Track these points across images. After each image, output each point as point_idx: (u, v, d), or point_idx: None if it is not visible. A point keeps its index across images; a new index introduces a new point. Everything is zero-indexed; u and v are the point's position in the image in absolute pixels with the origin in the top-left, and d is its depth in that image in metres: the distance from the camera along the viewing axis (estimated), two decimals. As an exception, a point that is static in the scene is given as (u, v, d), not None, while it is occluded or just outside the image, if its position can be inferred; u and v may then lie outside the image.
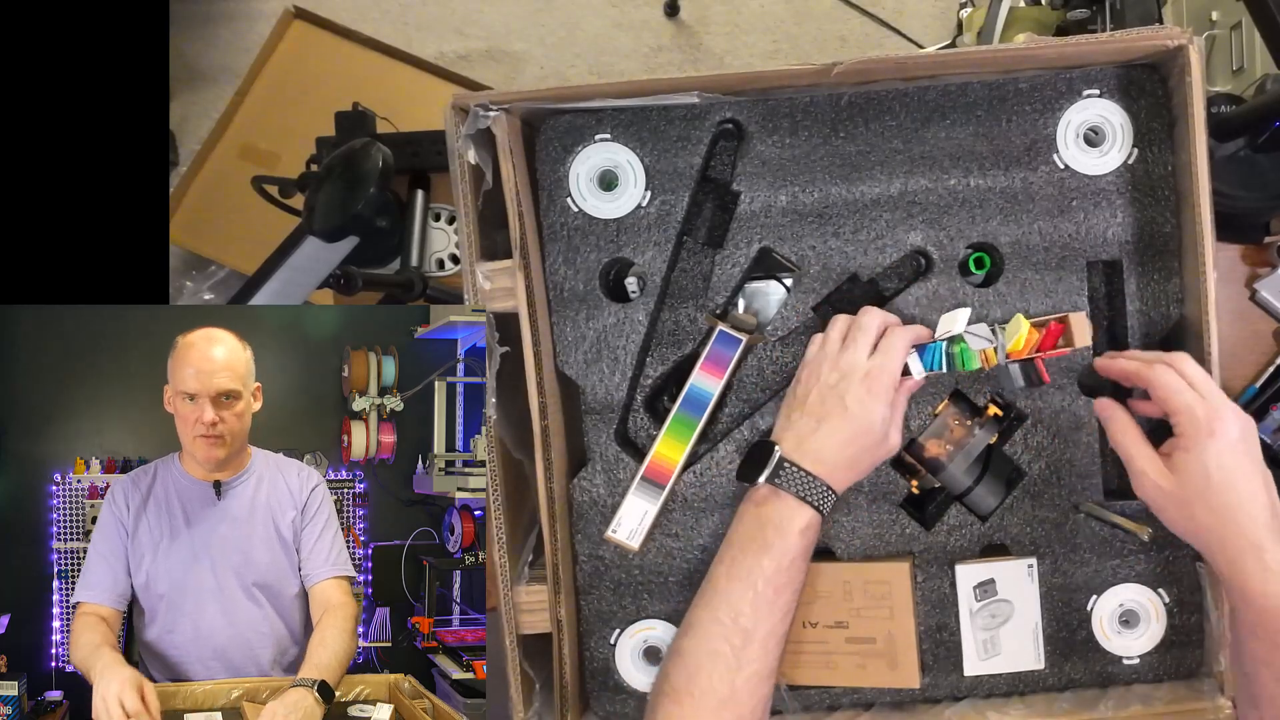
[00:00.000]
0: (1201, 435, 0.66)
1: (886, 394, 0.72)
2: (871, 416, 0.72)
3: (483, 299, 0.76)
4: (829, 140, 0.78)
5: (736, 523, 0.74)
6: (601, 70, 2.20)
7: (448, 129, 0.74)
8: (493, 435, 0.77)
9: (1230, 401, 0.68)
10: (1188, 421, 0.67)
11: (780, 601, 0.71)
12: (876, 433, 0.72)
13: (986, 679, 0.79)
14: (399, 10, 2.23)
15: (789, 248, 0.79)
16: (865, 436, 0.72)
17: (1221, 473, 0.66)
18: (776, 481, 0.72)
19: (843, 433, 0.72)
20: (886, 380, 0.72)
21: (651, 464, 0.78)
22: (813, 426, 0.73)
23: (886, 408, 0.73)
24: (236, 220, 1.65)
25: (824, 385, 0.73)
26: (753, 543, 0.72)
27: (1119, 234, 0.77)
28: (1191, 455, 0.67)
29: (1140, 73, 0.76)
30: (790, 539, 0.71)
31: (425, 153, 1.18)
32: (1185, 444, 0.67)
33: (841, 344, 0.74)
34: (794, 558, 0.71)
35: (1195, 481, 0.66)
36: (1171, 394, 0.68)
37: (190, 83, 2.19)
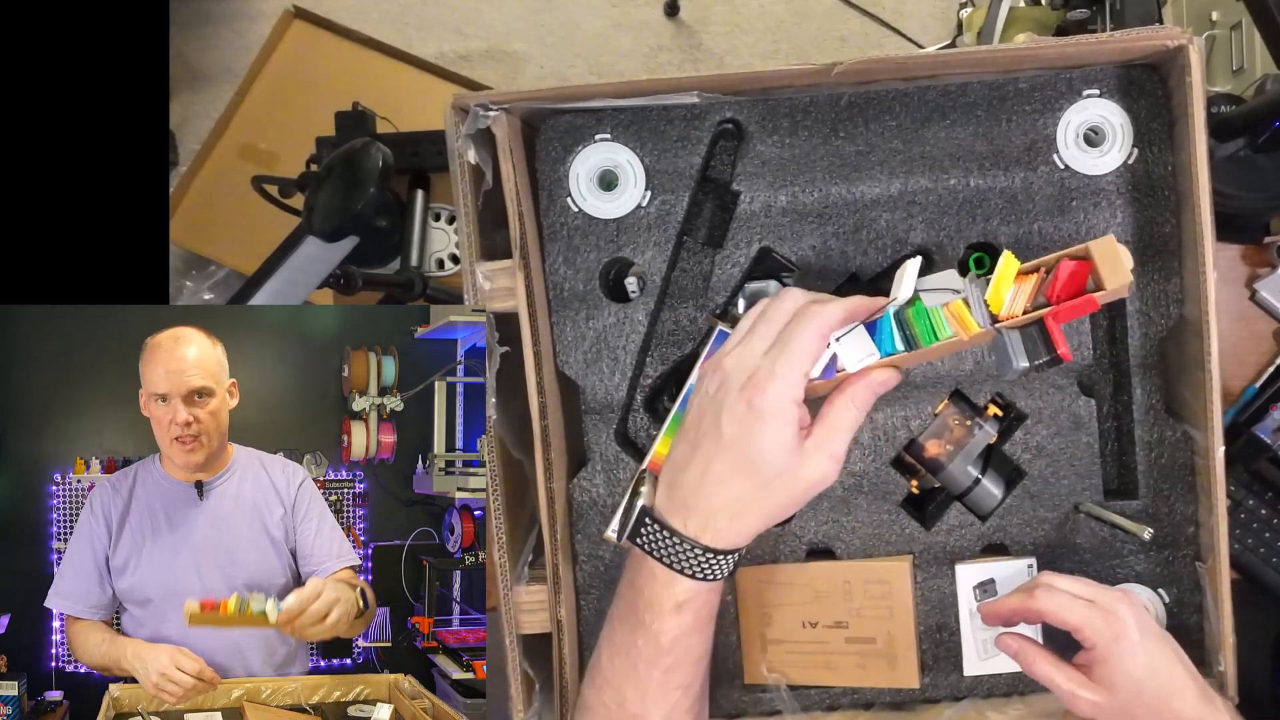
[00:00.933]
0: (1110, 642, 0.64)
1: (781, 406, 0.54)
2: (756, 442, 0.54)
3: (483, 299, 0.76)
4: (829, 140, 0.78)
5: (620, 584, 0.62)
6: (601, 70, 2.20)
7: (448, 129, 0.74)
8: (493, 435, 0.77)
9: (1109, 590, 0.66)
10: (1092, 633, 0.64)
11: (672, 682, 0.59)
12: (769, 464, 0.55)
13: (986, 679, 0.79)
14: (399, 10, 2.23)
15: (789, 248, 0.79)
16: (751, 472, 0.55)
17: (1146, 670, 0.63)
18: (640, 543, 0.57)
19: (719, 467, 0.55)
20: (778, 387, 0.54)
21: (651, 464, 0.78)
22: (686, 458, 0.56)
23: (784, 426, 0.55)
24: (236, 220, 1.65)
25: (703, 397, 0.57)
26: (628, 618, 0.60)
27: (1119, 234, 0.77)
28: (1111, 665, 0.64)
29: (1140, 73, 0.76)
30: (665, 618, 0.57)
31: (425, 152, 1.18)
32: (1100, 655, 0.64)
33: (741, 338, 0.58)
34: (676, 636, 0.58)
35: (1127, 686, 0.63)
36: (1063, 613, 0.64)
37: (190, 83, 2.19)
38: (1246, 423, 0.91)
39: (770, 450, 0.55)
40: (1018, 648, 0.68)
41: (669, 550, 0.56)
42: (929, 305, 0.55)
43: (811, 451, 0.56)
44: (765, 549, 0.80)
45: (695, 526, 0.56)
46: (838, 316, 0.57)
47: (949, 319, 0.56)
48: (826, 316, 0.56)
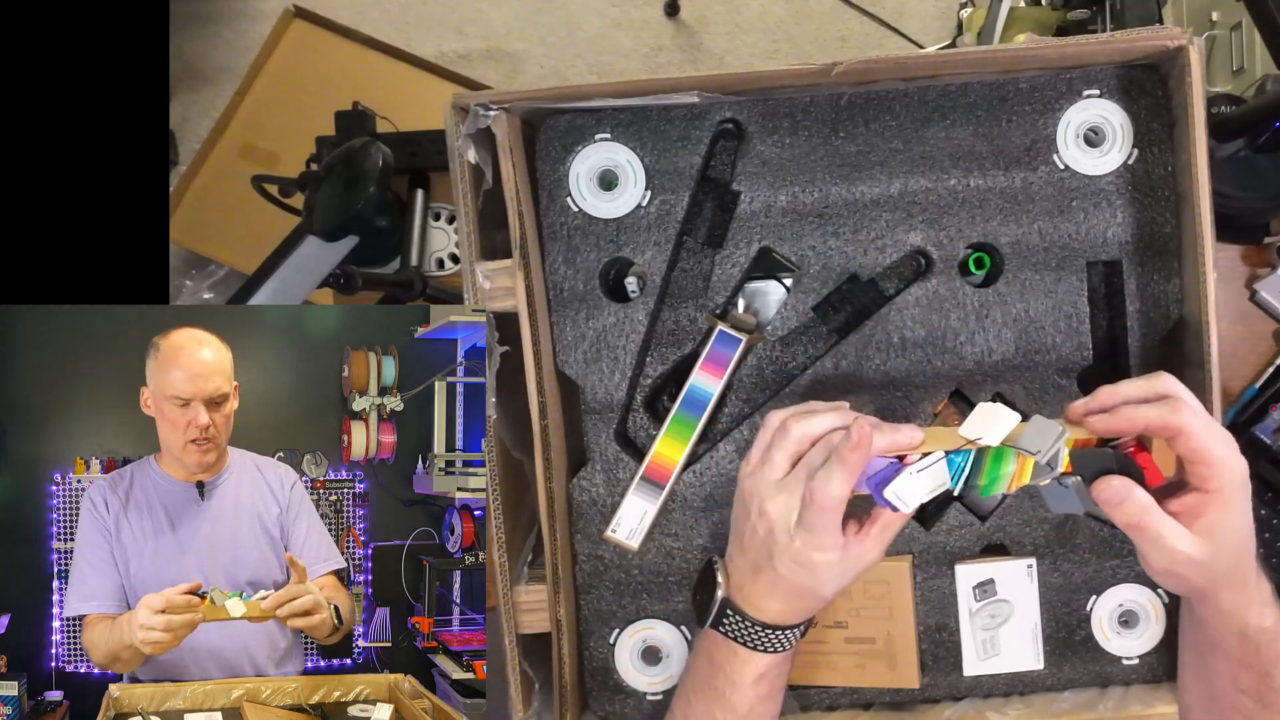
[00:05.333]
0: (1239, 489, 0.57)
1: (827, 549, 0.60)
2: (811, 580, 0.61)
3: (483, 299, 0.76)
4: (829, 140, 0.78)
5: (691, 660, 0.68)
6: (601, 70, 2.20)
7: (448, 128, 0.74)
8: (493, 435, 0.77)
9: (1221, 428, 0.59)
10: (1225, 476, 0.57)
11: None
12: (825, 589, 0.62)
13: (986, 679, 0.79)
14: (399, 10, 2.23)
15: (789, 248, 0.79)
16: (810, 596, 0.63)
17: (1244, 520, 0.58)
18: (722, 629, 0.64)
19: (782, 589, 0.62)
20: (819, 541, 0.60)
21: (651, 464, 0.78)
22: (749, 573, 0.63)
23: (834, 561, 0.61)
24: (236, 220, 1.65)
25: (751, 527, 0.62)
26: (705, 690, 0.65)
27: (1119, 234, 0.77)
28: (1228, 512, 0.57)
29: (1140, 73, 0.76)
30: (744, 690, 0.64)
31: (425, 152, 1.18)
32: (1222, 499, 0.57)
33: (760, 461, 0.63)
34: (752, 705, 0.64)
35: (1231, 540, 0.58)
36: (1206, 444, 0.57)
37: (190, 82, 2.19)
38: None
39: (826, 578, 0.62)
40: (1127, 494, 0.57)
41: (748, 633, 0.63)
42: (1004, 474, 0.58)
43: (863, 548, 0.62)
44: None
45: (770, 615, 0.63)
46: (890, 447, 0.60)
47: (1013, 479, 0.59)
48: (857, 458, 0.59)
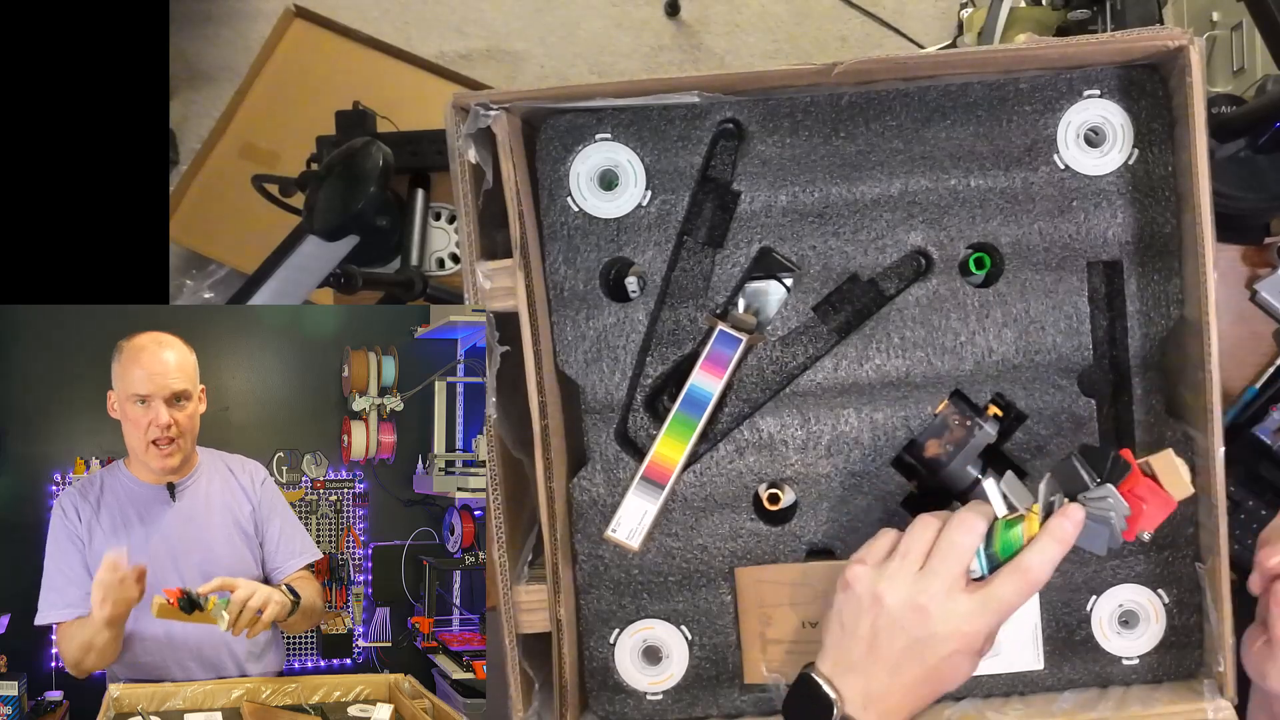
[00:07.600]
0: None
1: (984, 644, 0.66)
2: (964, 675, 0.66)
3: (483, 298, 0.76)
4: (829, 140, 0.78)
5: None
6: (602, 70, 2.20)
7: (448, 128, 0.74)
8: (493, 435, 0.77)
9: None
10: None
11: None
12: (963, 679, 0.67)
13: (985, 679, 0.79)
14: (399, 9, 2.23)
15: (789, 248, 0.79)
16: (949, 685, 0.67)
17: None
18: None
19: (927, 687, 0.66)
20: (985, 632, 0.65)
21: (651, 464, 0.78)
22: (885, 679, 0.66)
23: (974, 654, 0.66)
24: (236, 219, 1.65)
25: (894, 629, 0.65)
26: None
27: (1119, 234, 0.77)
28: None
29: (1141, 73, 0.76)
30: None
31: (425, 152, 1.18)
32: None
33: (896, 566, 0.66)
34: None
35: None
36: None
37: (190, 82, 2.19)
38: (1246, 423, 0.91)
39: (969, 670, 0.67)
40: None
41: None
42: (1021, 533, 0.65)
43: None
44: (765, 549, 0.80)
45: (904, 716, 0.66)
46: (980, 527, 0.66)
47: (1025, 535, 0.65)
48: (974, 539, 0.66)
